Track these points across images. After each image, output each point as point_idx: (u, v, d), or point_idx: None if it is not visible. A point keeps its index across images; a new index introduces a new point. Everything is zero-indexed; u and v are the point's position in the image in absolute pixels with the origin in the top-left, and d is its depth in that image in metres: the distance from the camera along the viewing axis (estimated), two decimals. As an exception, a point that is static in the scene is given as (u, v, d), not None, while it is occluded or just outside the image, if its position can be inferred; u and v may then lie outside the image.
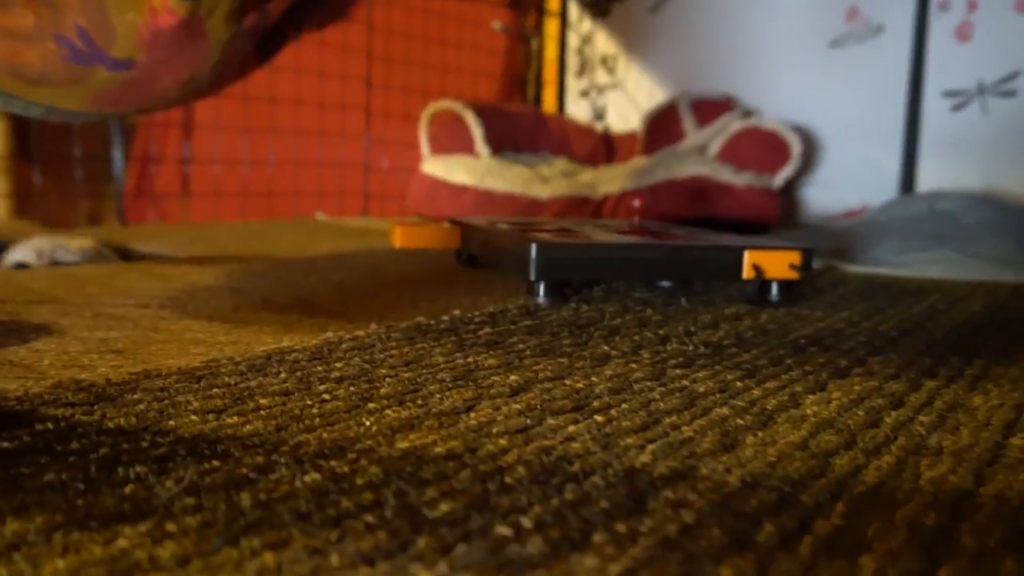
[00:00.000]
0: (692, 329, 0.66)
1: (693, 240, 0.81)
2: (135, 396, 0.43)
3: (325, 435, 0.38)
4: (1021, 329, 0.71)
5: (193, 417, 0.40)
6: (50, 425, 0.38)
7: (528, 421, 0.41)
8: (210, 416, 0.40)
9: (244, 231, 1.40)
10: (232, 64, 0.83)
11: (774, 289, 0.79)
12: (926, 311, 0.77)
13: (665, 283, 0.84)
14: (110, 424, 0.38)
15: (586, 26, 2.04)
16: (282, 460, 0.35)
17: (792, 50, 1.68)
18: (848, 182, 1.62)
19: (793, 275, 0.78)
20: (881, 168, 1.58)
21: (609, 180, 1.56)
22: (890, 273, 1.04)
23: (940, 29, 1.49)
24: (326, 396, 0.44)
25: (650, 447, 0.38)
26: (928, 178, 1.53)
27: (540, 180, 1.56)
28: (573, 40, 2.07)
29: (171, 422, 0.39)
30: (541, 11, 2.07)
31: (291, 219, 1.59)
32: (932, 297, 0.86)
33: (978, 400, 0.48)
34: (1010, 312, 0.79)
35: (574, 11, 2.06)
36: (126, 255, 1.03)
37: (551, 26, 2.08)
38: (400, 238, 0.94)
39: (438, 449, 0.37)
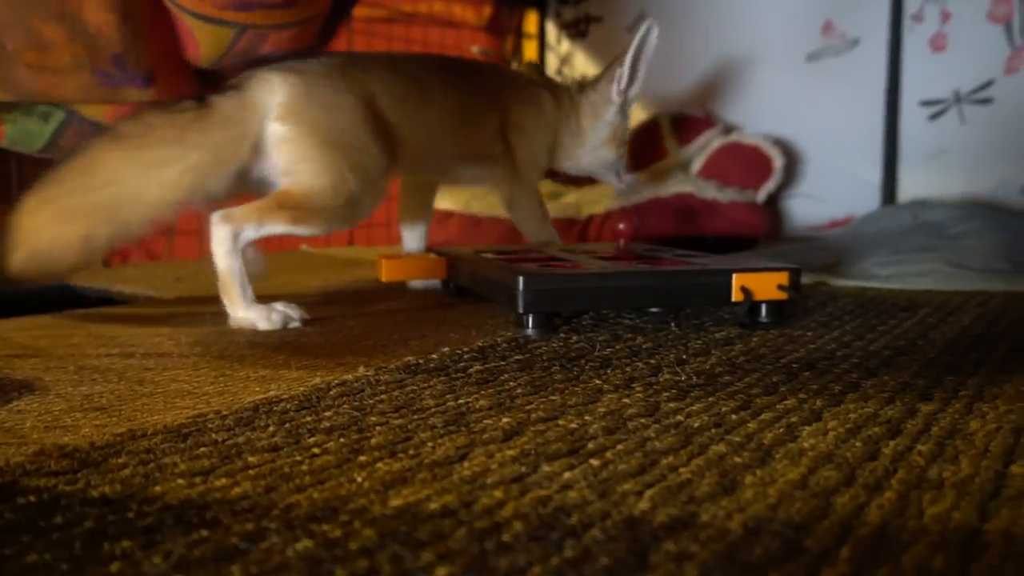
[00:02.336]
0: (684, 357, 0.65)
1: (680, 266, 0.80)
2: (120, 460, 0.41)
3: (316, 495, 0.37)
4: (1013, 344, 0.71)
5: (180, 481, 0.39)
6: (32, 498, 0.36)
7: (523, 469, 0.41)
8: (197, 479, 0.39)
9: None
10: None
11: (764, 310, 0.79)
12: (917, 327, 0.77)
13: (655, 308, 0.84)
14: (95, 493, 0.37)
15: (564, 47, 2.05)
16: (273, 526, 0.34)
17: (770, 65, 1.69)
18: (831, 193, 1.63)
19: (782, 295, 0.78)
20: (863, 178, 1.59)
21: (594, 200, 1.56)
22: (879, 287, 1.04)
23: (915, 40, 1.50)
24: (316, 450, 0.43)
25: (648, 492, 0.37)
26: (909, 186, 1.54)
27: (525, 203, 1.56)
28: (552, 61, 2.08)
29: (157, 487, 0.38)
30: (519, 34, 2.08)
31: (276, 252, 1.58)
32: (922, 311, 0.86)
33: (975, 424, 0.47)
34: (1002, 325, 0.79)
35: (552, 33, 2.07)
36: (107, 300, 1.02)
37: (529, 48, 2.09)
38: (386, 272, 0.93)
39: (432, 505, 0.36)
